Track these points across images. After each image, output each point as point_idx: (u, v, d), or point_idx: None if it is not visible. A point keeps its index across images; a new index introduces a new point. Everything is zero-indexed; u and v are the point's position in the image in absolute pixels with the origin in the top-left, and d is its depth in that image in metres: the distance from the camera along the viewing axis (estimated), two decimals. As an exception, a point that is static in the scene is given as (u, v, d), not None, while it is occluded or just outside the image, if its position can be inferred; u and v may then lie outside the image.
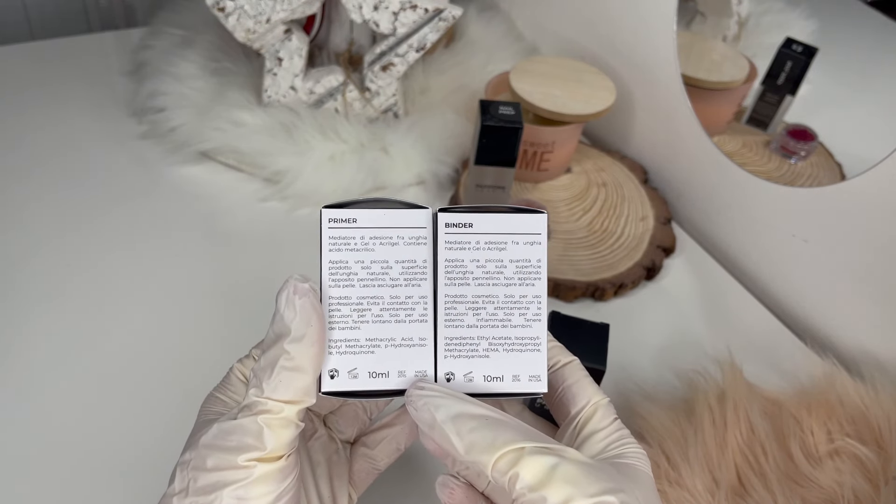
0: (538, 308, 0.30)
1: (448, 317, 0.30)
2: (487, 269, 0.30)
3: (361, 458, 0.36)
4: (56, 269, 0.54)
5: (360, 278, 0.30)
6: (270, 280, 0.56)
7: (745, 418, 0.45)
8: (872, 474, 0.42)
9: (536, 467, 0.25)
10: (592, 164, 0.68)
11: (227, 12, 0.60)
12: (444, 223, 0.30)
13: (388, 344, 0.30)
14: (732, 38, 0.61)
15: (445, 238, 0.30)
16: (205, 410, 0.32)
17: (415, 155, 0.64)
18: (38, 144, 0.65)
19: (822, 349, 0.53)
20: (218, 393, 0.33)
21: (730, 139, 0.61)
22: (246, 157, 0.64)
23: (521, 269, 0.30)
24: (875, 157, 0.49)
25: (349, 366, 0.29)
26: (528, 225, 0.30)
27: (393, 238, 0.30)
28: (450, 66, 0.72)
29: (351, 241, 0.30)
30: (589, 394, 0.31)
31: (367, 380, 0.29)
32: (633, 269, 0.59)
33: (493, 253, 0.30)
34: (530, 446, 0.26)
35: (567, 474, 0.25)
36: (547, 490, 0.25)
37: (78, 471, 0.43)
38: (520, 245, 0.30)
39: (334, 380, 0.29)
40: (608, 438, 0.29)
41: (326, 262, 0.30)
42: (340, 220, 0.30)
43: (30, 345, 0.49)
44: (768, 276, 0.61)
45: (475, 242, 0.30)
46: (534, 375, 0.30)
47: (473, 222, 0.30)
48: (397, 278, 0.30)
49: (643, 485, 0.27)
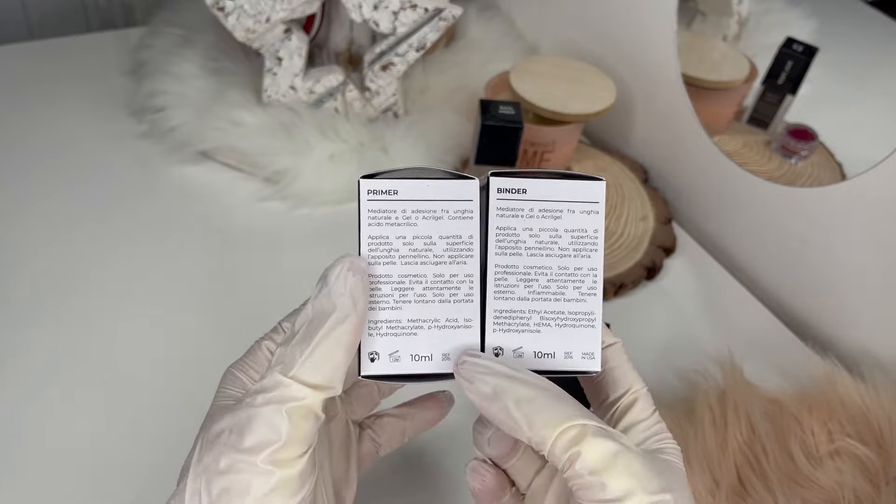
0: (594, 281, 0.28)
1: (498, 288, 0.28)
2: (541, 238, 0.28)
3: (368, 441, 0.35)
4: (55, 269, 0.54)
5: (401, 255, 0.28)
6: (270, 279, 0.56)
7: (745, 418, 0.45)
8: (873, 474, 0.42)
9: (600, 450, 0.25)
10: (593, 164, 0.68)
11: (226, 12, 0.60)
12: (496, 188, 0.28)
13: (431, 325, 0.28)
14: (733, 37, 0.61)
15: (498, 204, 0.28)
16: (222, 392, 0.30)
17: (415, 155, 0.64)
18: (37, 144, 0.65)
19: (822, 349, 0.53)
20: (238, 371, 0.30)
21: (730, 139, 0.61)
22: (246, 156, 0.63)
23: (576, 240, 0.28)
24: (876, 156, 0.49)
25: (390, 348, 0.28)
26: (585, 192, 0.28)
27: (437, 211, 0.28)
28: (450, 66, 0.72)
29: (392, 215, 0.28)
30: (630, 381, 0.29)
31: (410, 363, 0.28)
32: (633, 268, 0.59)
33: (548, 221, 0.28)
34: (593, 425, 0.25)
35: (630, 465, 0.25)
36: (608, 477, 0.24)
37: (78, 471, 0.43)
38: (576, 214, 0.28)
39: (374, 363, 0.27)
40: (648, 431, 0.28)
41: (366, 237, 0.27)
42: (380, 192, 0.28)
43: (29, 344, 0.49)
44: (769, 276, 0.61)
45: (529, 210, 0.28)
46: (587, 353, 0.28)
47: (528, 188, 0.28)
48: (441, 255, 0.28)
49: (683, 484, 0.27)
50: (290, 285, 0.55)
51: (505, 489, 0.31)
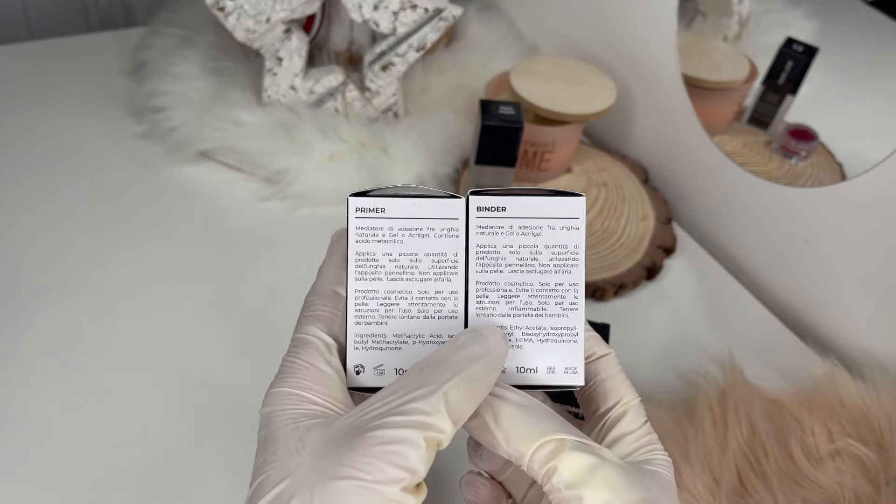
0: (575, 297, 0.29)
1: (479, 305, 0.29)
2: (521, 255, 0.29)
3: None
4: (55, 269, 0.54)
5: (387, 271, 0.28)
6: (270, 279, 0.56)
7: (745, 418, 0.45)
8: (873, 475, 0.42)
9: (576, 464, 0.25)
10: (593, 164, 0.68)
11: (226, 12, 0.60)
12: (475, 206, 0.29)
13: (415, 340, 0.28)
14: (733, 37, 0.61)
15: (477, 223, 0.29)
16: (289, 412, 0.26)
17: (415, 155, 0.64)
18: (37, 144, 0.65)
19: (822, 349, 0.53)
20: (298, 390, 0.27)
21: (730, 139, 0.61)
22: (246, 156, 0.63)
23: (557, 256, 0.29)
24: (876, 156, 0.49)
25: (375, 362, 0.28)
26: (565, 209, 0.29)
27: (423, 229, 0.28)
28: (450, 66, 0.72)
29: (379, 232, 0.28)
30: (621, 392, 0.29)
31: (394, 376, 0.28)
32: (633, 269, 0.59)
33: (528, 238, 0.29)
34: (571, 440, 0.25)
35: (607, 478, 0.25)
36: (585, 490, 0.24)
37: (78, 471, 0.43)
38: (556, 230, 0.29)
39: (359, 376, 0.28)
40: (637, 442, 0.28)
41: (353, 253, 0.28)
42: (368, 210, 0.28)
43: (29, 344, 0.49)
44: (769, 276, 0.61)
45: (508, 227, 0.29)
46: (570, 368, 0.29)
47: (507, 206, 0.29)
48: (427, 272, 0.28)
49: (670, 494, 0.27)
50: (289, 285, 0.55)
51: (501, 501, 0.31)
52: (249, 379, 0.41)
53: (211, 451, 0.44)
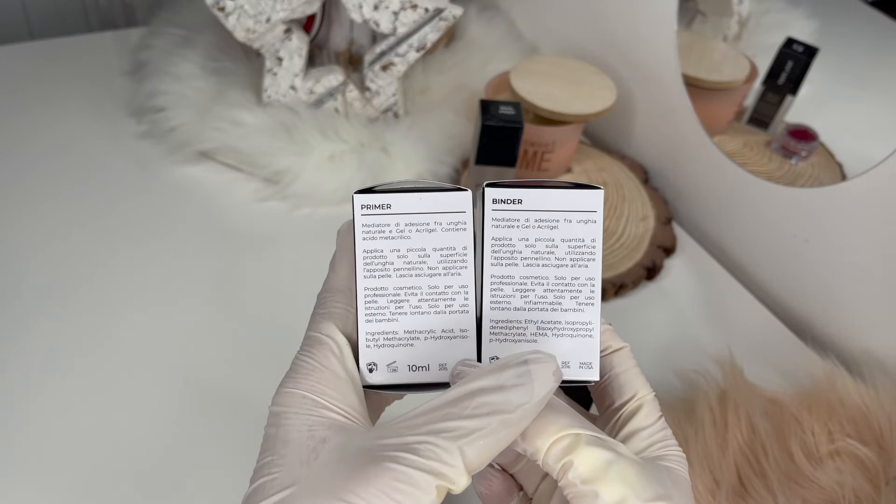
0: (591, 291, 0.28)
1: (494, 299, 0.28)
2: (537, 248, 0.28)
3: None
4: (55, 269, 0.54)
5: (396, 268, 0.28)
6: (270, 279, 0.56)
7: (745, 418, 0.45)
8: (873, 475, 0.42)
9: (592, 459, 0.25)
10: (593, 164, 0.68)
11: (226, 12, 0.60)
12: (491, 199, 0.28)
13: (427, 336, 0.28)
14: (733, 37, 0.61)
15: (493, 215, 0.28)
16: (303, 420, 0.25)
17: (415, 155, 0.64)
18: (37, 144, 0.65)
19: (822, 349, 0.53)
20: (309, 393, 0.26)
21: (730, 139, 0.61)
22: (246, 156, 0.63)
23: (573, 250, 0.28)
24: (876, 156, 0.49)
25: (388, 359, 0.28)
26: (582, 202, 0.28)
27: (430, 224, 0.28)
28: (450, 66, 0.72)
29: (385, 229, 0.28)
30: (636, 386, 0.29)
31: (407, 373, 0.28)
32: (633, 269, 0.59)
33: (544, 231, 0.28)
34: (587, 435, 0.25)
35: (623, 473, 0.25)
36: (600, 485, 0.24)
37: (78, 471, 0.43)
38: (573, 224, 0.28)
39: (373, 373, 0.28)
40: (652, 437, 0.28)
41: (360, 251, 0.28)
42: (374, 206, 0.28)
43: (29, 344, 0.49)
44: (769, 276, 0.61)
45: (524, 220, 0.28)
46: (585, 363, 0.29)
47: (523, 198, 0.28)
48: (436, 267, 0.28)
49: (685, 491, 0.27)
50: (289, 285, 0.55)
51: (512, 493, 0.31)
52: (250, 379, 0.41)
53: (211, 451, 0.44)
